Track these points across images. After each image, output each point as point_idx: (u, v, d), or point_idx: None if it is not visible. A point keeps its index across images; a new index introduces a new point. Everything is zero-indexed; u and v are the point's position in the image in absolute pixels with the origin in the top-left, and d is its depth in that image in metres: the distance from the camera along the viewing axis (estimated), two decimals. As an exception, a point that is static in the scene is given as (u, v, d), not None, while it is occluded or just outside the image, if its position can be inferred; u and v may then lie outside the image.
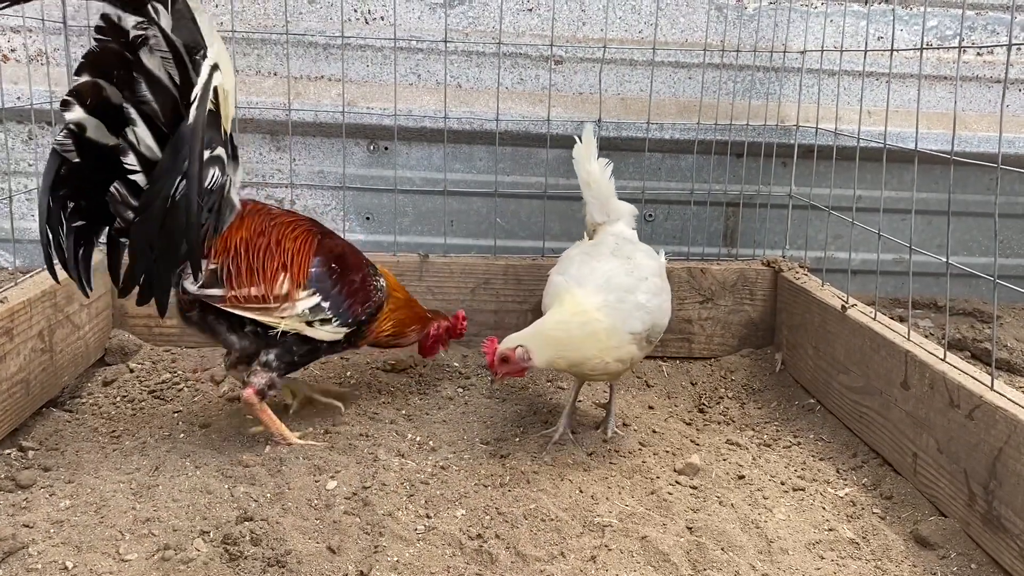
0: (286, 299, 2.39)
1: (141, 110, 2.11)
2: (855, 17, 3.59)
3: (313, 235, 2.51)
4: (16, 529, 1.99)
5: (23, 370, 2.49)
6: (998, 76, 3.71)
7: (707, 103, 3.47)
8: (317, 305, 2.43)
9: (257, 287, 2.36)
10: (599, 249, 2.58)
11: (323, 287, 2.45)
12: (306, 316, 2.42)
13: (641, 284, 2.45)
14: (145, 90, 2.10)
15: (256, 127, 3.44)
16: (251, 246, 2.38)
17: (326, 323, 2.46)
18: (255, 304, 2.36)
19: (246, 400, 2.42)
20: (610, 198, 2.73)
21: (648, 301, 2.43)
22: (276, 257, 2.40)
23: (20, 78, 3.23)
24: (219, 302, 2.35)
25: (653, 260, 2.60)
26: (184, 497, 2.15)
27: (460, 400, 2.88)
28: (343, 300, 2.48)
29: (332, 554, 1.94)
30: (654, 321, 2.46)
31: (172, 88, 2.13)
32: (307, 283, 2.42)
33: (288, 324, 2.40)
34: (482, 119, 3.44)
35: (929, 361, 2.33)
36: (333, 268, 2.48)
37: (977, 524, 2.08)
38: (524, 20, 3.50)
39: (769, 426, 2.83)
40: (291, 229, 2.47)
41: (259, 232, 2.41)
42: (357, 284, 2.53)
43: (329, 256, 2.49)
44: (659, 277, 2.55)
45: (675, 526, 2.13)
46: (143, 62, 2.09)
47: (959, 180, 3.74)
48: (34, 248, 3.32)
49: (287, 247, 2.43)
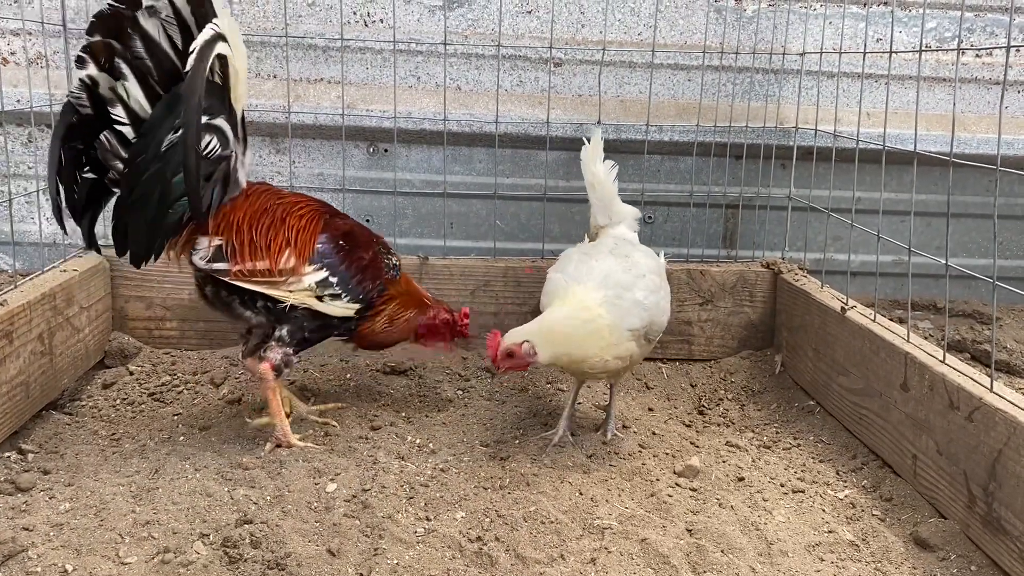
0: (292, 273, 2.43)
1: (135, 66, 2.20)
2: (854, 19, 3.59)
3: (320, 214, 2.55)
4: (16, 532, 1.98)
5: (23, 373, 2.49)
6: (997, 78, 3.71)
7: (706, 105, 3.47)
8: (325, 279, 2.47)
9: (262, 261, 2.41)
10: (597, 249, 2.59)
11: (330, 262, 2.49)
12: (314, 290, 2.46)
13: (639, 281, 2.46)
14: (140, 48, 2.20)
15: (256, 130, 3.44)
16: (256, 223, 2.44)
17: (336, 298, 2.49)
18: (262, 278, 2.41)
19: (262, 374, 2.46)
20: (613, 200, 2.74)
21: (645, 298, 2.44)
22: (281, 233, 2.45)
23: (20, 81, 3.23)
24: (225, 276, 2.40)
25: (652, 259, 2.61)
26: (184, 500, 2.14)
27: (460, 402, 2.88)
28: (352, 276, 2.51)
29: (332, 557, 1.94)
30: (652, 318, 2.46)
31: (171, 52, 2.24)
32: (313, 258, 2.46)
33: (297, 298, 2.45)
34: (482, 121, 3.44)
35: (929, 363, 2.33)
36: (341, 245, 2.52)
37: (977, 526, 2.08)
38: (523, 22, 3.50)
39: (769, 428, 2.83)
40: (298, 208, 2.52)
41: (263, 210, 2.46)
42: (367, 261, 2.56)
43: (336, 233, 2.53)
44: (657, 275, 2.56)
45: (675, 528, 2.13)
46: (139, 21, 2.20)
47: (958, 182, 3.74)
48: (34, 251, 3.32)
49: (291, 224, 2.47)
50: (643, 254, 2.61)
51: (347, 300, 2.51)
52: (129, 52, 2.20)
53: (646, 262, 2.56)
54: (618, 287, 2.41)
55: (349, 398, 2.86)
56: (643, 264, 2.53)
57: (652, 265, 2.57)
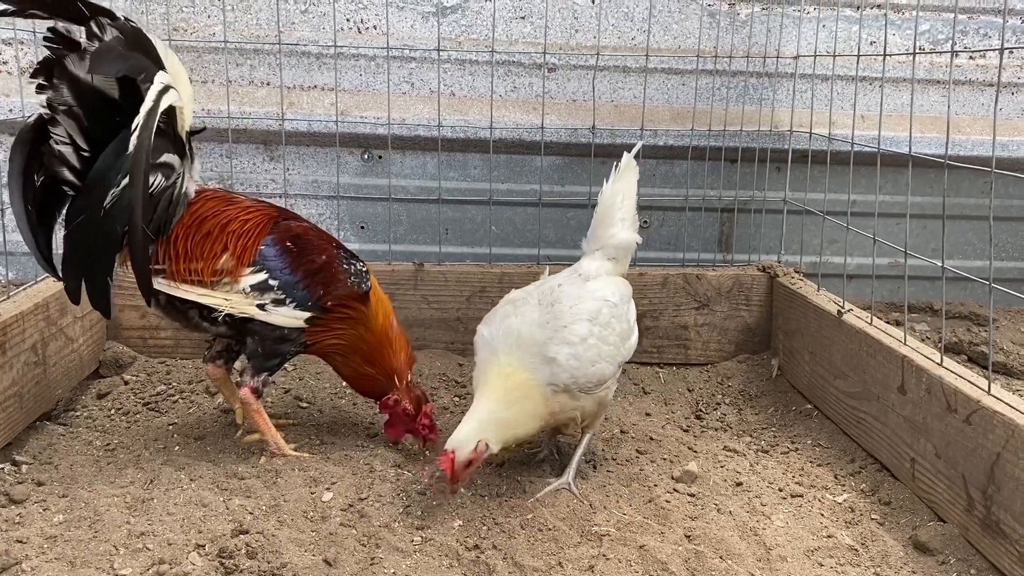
0: (229, 275, 2.29)
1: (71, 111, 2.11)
2: (847, 22, 3.59)
3: (270, 218, 2.39)
4: (9, 545, 1.97)
5: (16, 384, 2.48)
6: (991, 80, 3.72)
7: (701, 109, 3.47)
8: (264, 282, 2.30)
9: (196, 262, 2.28)
10: (528, 298, 2.37)
11: (273, 264, 2.32)
12: (251, 295, 2.30)
13: (555, 335, 2.24)
14: (68, 95, 2.10)
15: (250, 137, 3.43)
16: (196, 229, 2.31)
17: (280, 304, 2.32)
18: (195, 283, 2.28)
19: (243, 399, 2.40)
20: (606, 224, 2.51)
21: (558, 353, 2.22)
22: (221, 237, 2.31)
23: (12, 91, 3.23)
24: (160, 282, 2.27)
25: (589, 302, 2.33)
26: (179, 510, 2.13)
27: (456, 410, 2.87)
28: (299, 280, 2.33)
29: (328, 567, 1.93)
30: (572, 373, 2.23)
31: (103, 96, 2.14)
32: (255, 260, 2.31)
33: (234, 305, 2.29)
34: (476, 127, 3.43)
35: (926, 366, 2.32)
36: (288, 247, 2.35)
37: (976, 529, 2.08)
38: (517, 28, 3.50)
39: (767, 432, 2.82)
40: (246, 212, 2.38)
41: (204, 217, 2.32)
42: (318, 264, 2.36)
43: (284, 235, 2.36)
44: (588, 322, 2.28)
45: (673, 534, 2.12)
46: (68, 68, 2.09)
47: (953, 184, 3.74)
48: (27, 260, 3.30)
49: (233, 228, 2.32)
50: (577, 297, 2.34)
51: (292, 306, 2.33)
52: (59, 98, 2.09)
53: (574, 311, 2.29)
54: (531, 344, 2.23)
55: (344, 405, 2.85)
56: (568, 313, 2.28)
57: (584, 310, 2.30)
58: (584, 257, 2.53)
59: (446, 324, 3.27)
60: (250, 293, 2.31)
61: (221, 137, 3.34)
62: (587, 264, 2.49)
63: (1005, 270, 3.92)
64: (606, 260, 2.50)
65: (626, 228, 2.52)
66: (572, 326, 2.26)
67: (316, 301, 2.36)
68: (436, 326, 3.27)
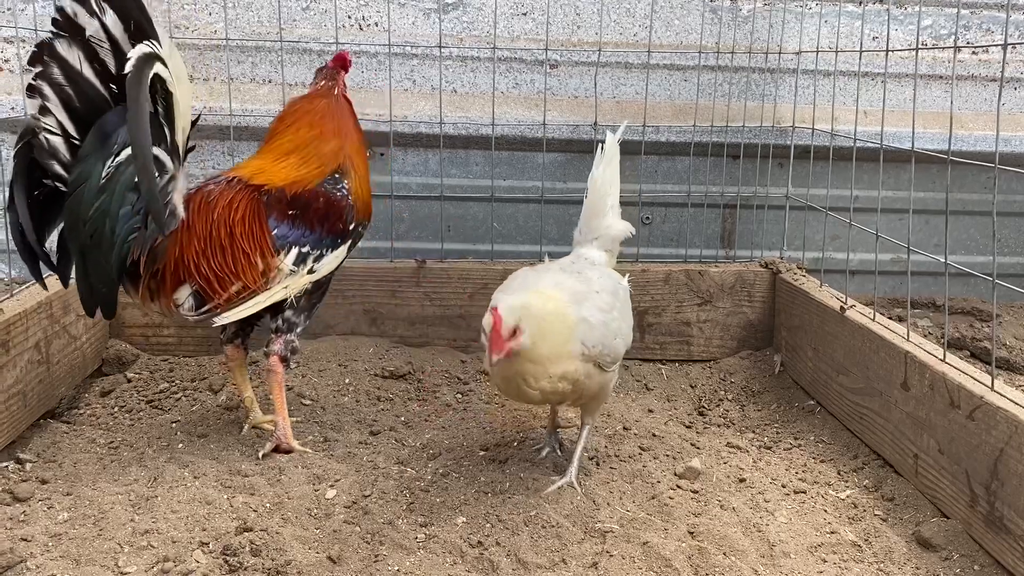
0: (268, 271, 2.36)
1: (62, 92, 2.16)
2: (850, 17, 3.59)
3: (255, 200, 2.40)
4: (14, 543, 1.97)
5: (20, 382, 2.48)
6: (994, 75, 3.71)
7: (703, 105, 3.46)
8: (298, 255, 2.40)
9: (236, 282, 2.35)
10: (547, 267, 2.40)
11: (292, 237, 2.40)
12: (299, 270, 2.40)
13: (591, 296, 2.22)
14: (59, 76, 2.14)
15: (252, 135, 3.42)
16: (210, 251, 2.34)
17: (320, 259, 2.43)
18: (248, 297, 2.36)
19: (271, 367, 2.44)
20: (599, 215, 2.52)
21: (591, 316, 2.17)
22: (235, 248, 2.36)
23: (14, 89, 3.23)
24: (218, 317, 2.35)
25: (609, 280, 2.36)
26: (183, 508, 2.13)
27: (459, 407, 2.87)
28: (320, 233, 2.43)
29: (332, 564, 1.93)
30: (602, 339, 2.19)
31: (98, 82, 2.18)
32: (275, 247, 2.38)
33: (294, 287, 2.40)
34: (478, 124, 3.43)
35: (929, 361, 2.32)
36: (291, 215, 2.41)
37: (979, 525, 2.07)
38: (519, 24, 3.50)
39: (769, 428, 2.82)
40: (233, 207, 2.38)
41: (208, 237, 2.35)
42: (323, 209, 2.44)
43: (282, 206, 2.41)
44: (611, 295, 2.29)
45: (676, 531, 2.12)
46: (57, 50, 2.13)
47: (956, 179, 3.73)
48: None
49: (238, 232, 2.36)
50: (600, 274, 2.37)
51: (330, 252, 2.44)
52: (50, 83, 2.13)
53: (601, 281, 2.31)
54: (574, 293, 2.20)
55: (347, 403, 2.85)
56: (596, 281, 2.29)
57: (608, 284, 2.32)
58: (581, 246, 2.53)
59: (448, 321, 3.27)
60: (296, 271, 2.40)
61: (223, 135, 3.34)
62: (588, 251, 2.51)
63: (1008, 266, 3.91)
64: (603, 251, 2.52)
65: (617, 217, 2.55)
66: (601, 294, 2.26)
67: (344, 233, 2.48)
68: (438, 323, 3.27)
